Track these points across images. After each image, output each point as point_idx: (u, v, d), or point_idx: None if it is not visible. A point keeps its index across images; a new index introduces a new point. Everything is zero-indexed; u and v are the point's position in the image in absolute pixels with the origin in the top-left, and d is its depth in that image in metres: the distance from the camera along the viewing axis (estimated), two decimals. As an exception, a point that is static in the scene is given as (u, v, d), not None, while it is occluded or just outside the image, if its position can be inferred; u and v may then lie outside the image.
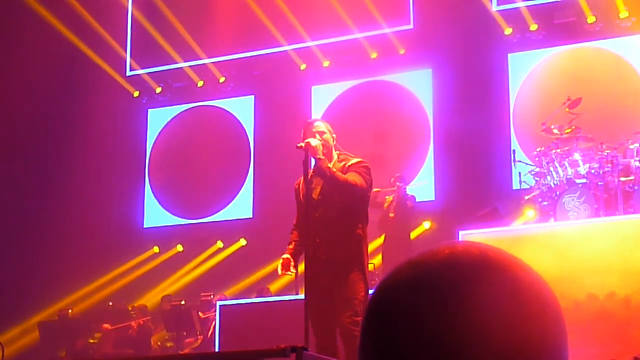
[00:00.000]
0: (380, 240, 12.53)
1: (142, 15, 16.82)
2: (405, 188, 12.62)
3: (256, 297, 12.58)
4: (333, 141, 6.77)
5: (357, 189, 6.49)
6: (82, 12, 15.91)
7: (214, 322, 12.25)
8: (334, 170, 6.51)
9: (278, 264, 6.75)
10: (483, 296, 0.99)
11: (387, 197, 12.47)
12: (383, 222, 12.37)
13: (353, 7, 14.97)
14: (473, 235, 8.82)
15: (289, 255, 6.67)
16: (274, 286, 13.52)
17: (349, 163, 6.64)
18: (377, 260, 12.19)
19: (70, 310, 14.40)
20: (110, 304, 14.69)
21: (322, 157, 6.54)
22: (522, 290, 1.02)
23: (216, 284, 14.29)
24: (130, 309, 14.34)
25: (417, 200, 12.87)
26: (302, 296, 6.46)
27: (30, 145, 16.19)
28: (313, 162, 6.73)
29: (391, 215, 12.33)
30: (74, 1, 15.83)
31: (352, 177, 6.50)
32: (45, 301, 14.89)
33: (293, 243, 6.74)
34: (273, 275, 14.18)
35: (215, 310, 12.38)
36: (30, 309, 14.71)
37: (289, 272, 6.66)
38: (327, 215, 6.54)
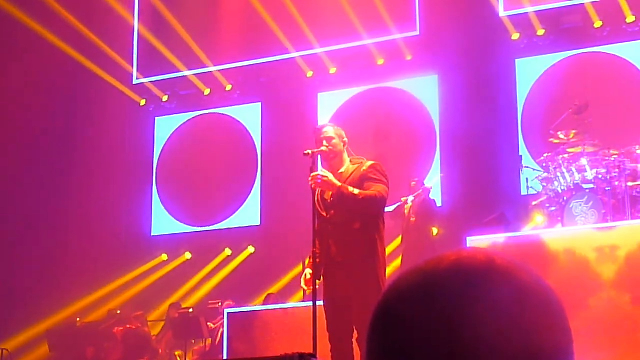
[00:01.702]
0: (397, 241, 12.42)
1: (147, 24, 16.87)
2: (428, 190, 12.48)
3: (262, 303, 12.56)
4: (344, 146, 6.70)
5: (383, 201, 6.46)
6: (88, 23, 15.97)
7: (221, 329, 12.27)
8: (356, 192, 6.37)
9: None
10: (489, 302, 0.99)
11: (402, 198, 12.18)
12: (404, 227, 12.16)
13: (359, 14, 14.99)
14: (480, 241, 8.81)
15: (310, 271, 6.57)
16: (285, 294, 13.52)
17: (364, 167, 6.58)
18: (397, 262, 12.07)
19: (78, 319, 14.41)
20: (118, 311, 14.68)
21: (339, 184, 6.40)
22: (528, 296, 1.02)
23: (224, 292, 14.30)
24: (132, 316, 14.31)
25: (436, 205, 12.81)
26: (310, 303, 6.43)
27: (39, 155, 16.25)
28: (319, 165, 6.71)
29: (412, 219, 12.17)
30: (79, 11, 15.89)
31: (375, 189, 6.40)
32: (53, 309, 14.91)
33: (311, 257, 6.64)
34: (281, 283, 14.23)
35: (222, 318, 12.42)
36: (38, 316, 14.74)
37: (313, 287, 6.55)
38: (340, 217, 6.47)
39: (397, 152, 14.80)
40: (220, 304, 12.98)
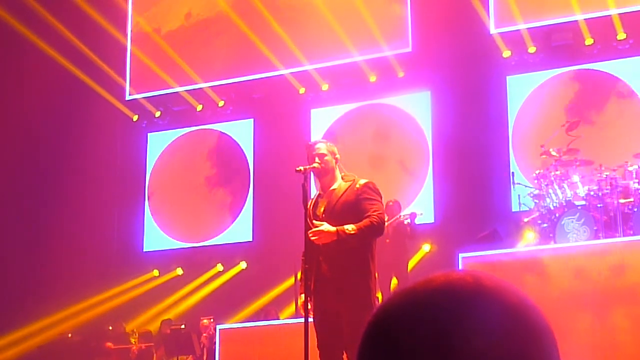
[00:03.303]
0: None
1: (141, 40, 16.90)
2: (415, 216, 12.15)
3: (262, 320, 12.50)
4: (336, 163, 6.70)
5: (381, 224, 6.44)
6: (80, 40, 16.00)
7: (204, 346, 12.28)
8: (353, 231, 6.31)
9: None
10: (478, 324, 1.00)
11: None
12: (378, 250, 11.68)
13: (352, 31, 15.03)
14: (473, 258, 8.82)
15: (304, 296, 6.51)
16: (280, 312, 13.50)
17: (357, 185, 6.57)
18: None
19: (70, 335, 14.39)
20: (110, 327, 14.66)
21: (335, 230, 6.32)
22: (517, 316, 1.03)
23: (216, 308, 14.28)
24: (130, 332, 14.32)
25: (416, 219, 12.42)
26: (302, 319, 6.42)
27: (31, 169, 16.24)
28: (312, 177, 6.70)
29: (387, 241, 11.94)
30: (71, 29, 15.92)
31: (373, 214, 6.37)
32: (42, 321, 14.96)
33: (303, 278, 6.59)
34: (274, 299, 14.23)
35: (206, 334, 12.42)
36: (28, 329, 14.78)
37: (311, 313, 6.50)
38: None
39: (390, 168, 14.83)
40: (208, 320, 12.96)
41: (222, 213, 16.26)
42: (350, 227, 6.31)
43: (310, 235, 6.34)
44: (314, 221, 6.46)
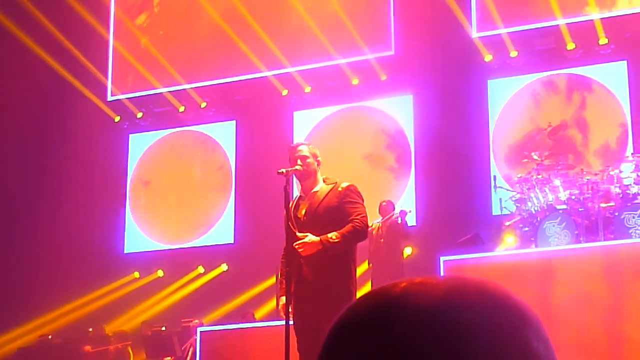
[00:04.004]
0: (365, 266, 12.25)
1: (124, 40, 16.85)
2: (405, 213, 12.20)
3: (241, 322, 12.45)
4: (318, 165, 6.68)
5: (364, 228, 6.41)
6: (64, 39, 15.92)
7: (191, 348, 12.21)
8: (337, 239, 6.28)
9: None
10: (483, 327, 0.98)
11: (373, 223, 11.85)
12: (372, 249, 11.77)
13: (335, 34, 15.04)
14: (454, 262, 8.83)
15: (285, 299, 6.48)
16: (257, 311, 13.49)
17: (339, 188, 6.54)
18: (367, 287, 11.90)
19: (50, 336, 14.33)
20: (90, 330, 14.60)
21: (319, 240, 6.28)
22: (507, 313, 1.02)
23: (197, 310, 14.24)
24: (110, 334, 14.28)
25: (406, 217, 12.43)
26: (283, 322, 6.39)
27: (11, 169, 16.15)
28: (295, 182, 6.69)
29: (381, 241, 11.95)
30: (55, 28, 15.84)
31: (356, 218, 6.35)
32: (22, 323, 14.88)
33: (284, 281, 6.56)
34: (254, 301, 14.21)
35: (192, 337, 12.36)
36: (8, 332, 14.71)
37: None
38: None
39: (372, 171, 14.84)
40: (191, 323, 12.92)
41: (203, 215, 16.22)
42: (334, 235, 6.27)
43: (295, 247, 6.31)
44: (297, 233, 6.41)
